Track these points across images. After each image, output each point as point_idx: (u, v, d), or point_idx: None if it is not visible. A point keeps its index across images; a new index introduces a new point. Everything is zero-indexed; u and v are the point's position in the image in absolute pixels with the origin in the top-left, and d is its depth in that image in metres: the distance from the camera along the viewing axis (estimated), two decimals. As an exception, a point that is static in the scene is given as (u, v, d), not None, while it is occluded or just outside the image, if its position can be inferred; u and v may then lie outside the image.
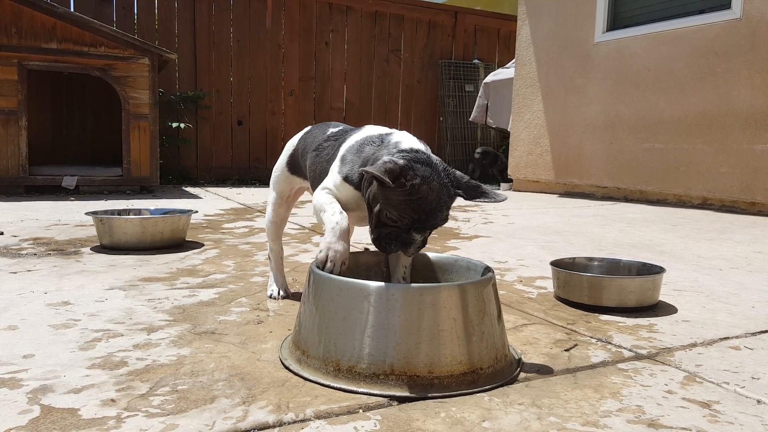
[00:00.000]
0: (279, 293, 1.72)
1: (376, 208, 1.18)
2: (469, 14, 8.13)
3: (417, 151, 1.20)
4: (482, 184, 1.23)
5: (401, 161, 1.14)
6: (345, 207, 1.29)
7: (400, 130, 1.35)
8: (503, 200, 1.24)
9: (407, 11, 7.70)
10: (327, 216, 1.26)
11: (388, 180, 1.10)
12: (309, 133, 1.60)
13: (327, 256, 1.20)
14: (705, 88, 4.45)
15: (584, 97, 5.39)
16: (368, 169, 1.13)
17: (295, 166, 1.64)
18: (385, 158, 1.17)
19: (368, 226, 1.23)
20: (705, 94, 4.45)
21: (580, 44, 5.41)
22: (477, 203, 1.21)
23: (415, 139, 1.28)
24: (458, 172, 1.22)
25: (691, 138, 4.55)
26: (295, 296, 1.72)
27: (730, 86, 4.28)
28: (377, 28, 7.60)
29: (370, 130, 1.37)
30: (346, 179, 1.29)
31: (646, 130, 4.87)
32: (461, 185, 1.20)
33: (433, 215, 1.17)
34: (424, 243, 1.22)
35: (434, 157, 1.21)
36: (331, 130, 1.51)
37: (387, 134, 1.32)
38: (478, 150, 7.07)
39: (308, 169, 1.52)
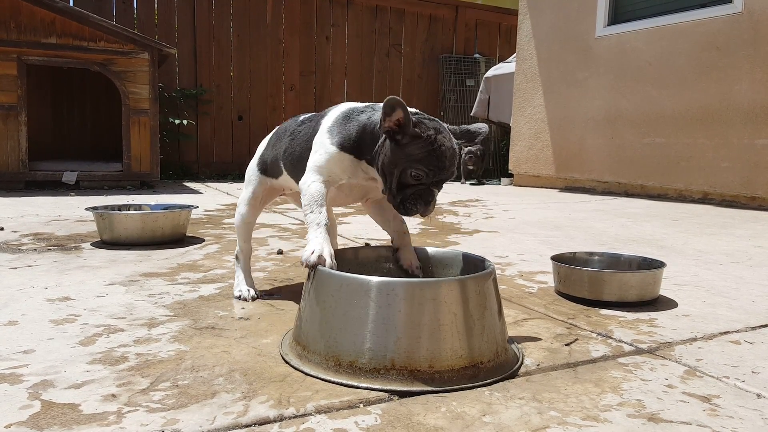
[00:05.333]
0: (249, 293, 1.63)
1: (397, 171, 1.21)
2: (469, 8, 8.11)
3: (417, 112, 1.24)
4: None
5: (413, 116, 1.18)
6: (338, 179, 1.32)
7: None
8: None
9: (408, 5, 7.68)
10: (314, 216, 1.26)
11: (413, 127, 1.17)
12: (280, 126, 1.63)
13: (318, 257, 1.19)
14: (706, 83, 4.43)
15: (585, 91, 5.37)
16: (383, 125, 1.17)
17: (264, 165, 1.62)
18: (392, 98, 1.19)
19: (387, 194, 1.27)
20: (706, 88, 4.43)
21: (581, 38, 5.39)
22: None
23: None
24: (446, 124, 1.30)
25: (692, 132, 4.54)
26: (272, 296, 1.72)
27: (732, 81, 4.27)
28: (378, 23, 7.58)
29: (351, 104, 1.38)
30: (342, 148, 1.29)
31: (647, 125, 4.86)
32: (458, 134, 1.29)
33: (451, 164, 1.23)
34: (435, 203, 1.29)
35: None
36: (303, 117, 1.56)
37: (372, 104, 1.34)
38: None
39: (284, 155, 1.50)
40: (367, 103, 1.37)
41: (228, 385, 1.06)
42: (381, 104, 1.27)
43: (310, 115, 1.54)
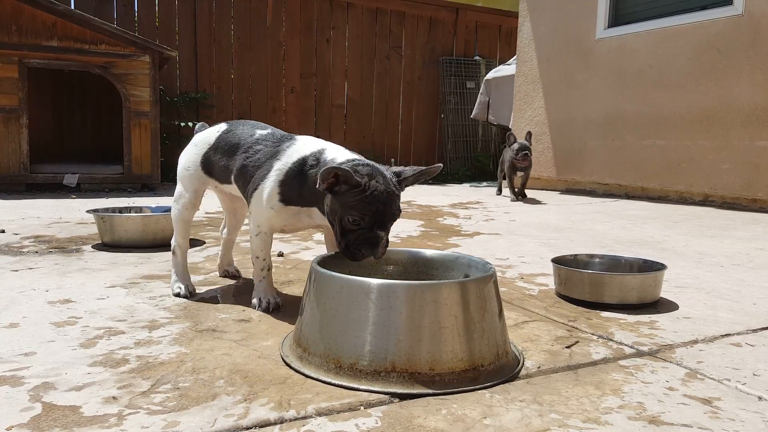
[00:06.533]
0: (187, 289, 1.68)
1: (337, 218, 1.30)
2: (470, 11, 8.11)
3: (354, 159, 1.35)
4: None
5: (344, 167, 1.25)
6: (279, 228, 1.52)
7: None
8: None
9: (408, 8, 7.69)
10: (258, 264, 1.54)
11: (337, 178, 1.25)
12: (231, 133, 1.61)
13: (268, 304, 1.53)
14: (706, 85, 4.43)
15: (586, 93, 5.37)
16: (321, 185, 1.26)
17: (209, 166, 1.64)
18: (328, 167, 1.26)
19: (335, 241, 1.34)
20: (706, 90, 4.43)
21: (581, 41, 5.40)
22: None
23: (349, 151, 1.41)
24: (396, 167, 1.37)
25: (692, 134, 4.54)
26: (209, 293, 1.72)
27: (732, 82, 4.27)
28: (378, 25, 7.59)
29: (303, 148, 1.44)
30: (287, 202, 1.43)
31: (648, 127, 4.86)
32: (401, 175, 1.35)
33: (390, 206, 1.28)
34: (387, 243, 1.32)
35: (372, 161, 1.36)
36: (259, 132, 1.57)
37: (321, 151, 1.41)
38: None
39: (236, 170, 1.55)
40: (320, 148, 1.43)
41: (228, 387, 1.06)
42: (330, 152, 1.39)
43: (266, 133, 1.55)
